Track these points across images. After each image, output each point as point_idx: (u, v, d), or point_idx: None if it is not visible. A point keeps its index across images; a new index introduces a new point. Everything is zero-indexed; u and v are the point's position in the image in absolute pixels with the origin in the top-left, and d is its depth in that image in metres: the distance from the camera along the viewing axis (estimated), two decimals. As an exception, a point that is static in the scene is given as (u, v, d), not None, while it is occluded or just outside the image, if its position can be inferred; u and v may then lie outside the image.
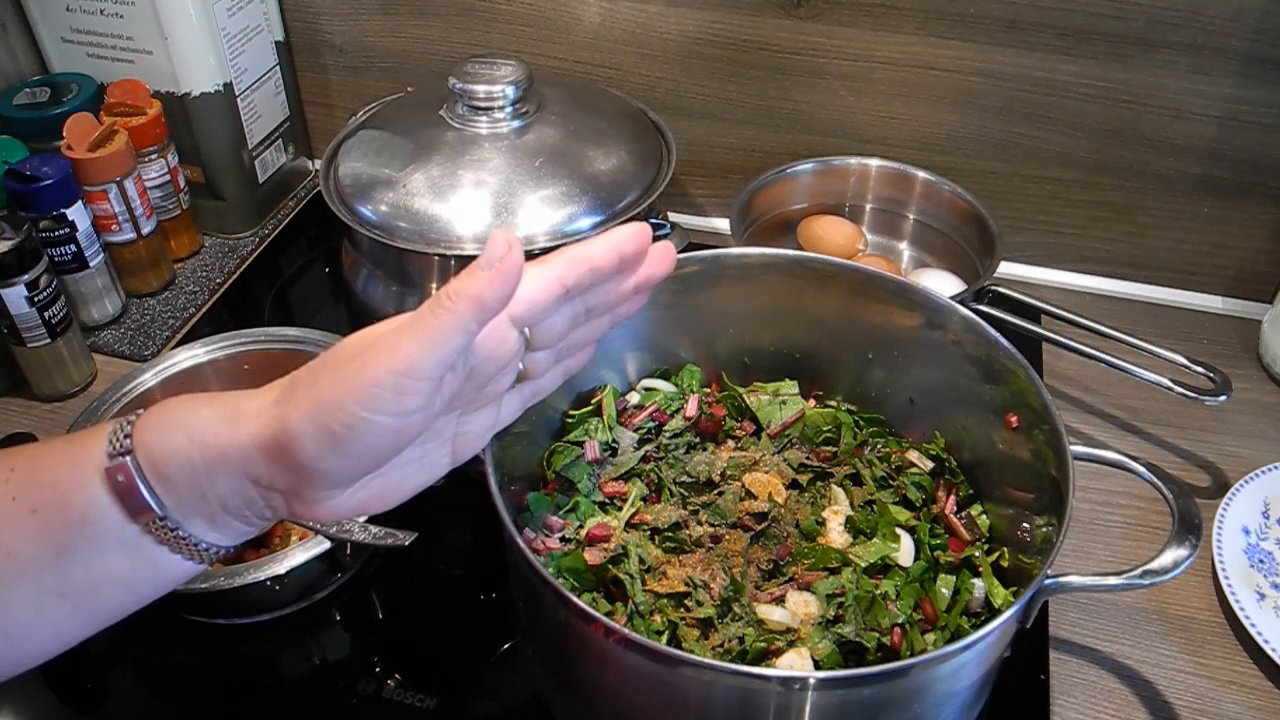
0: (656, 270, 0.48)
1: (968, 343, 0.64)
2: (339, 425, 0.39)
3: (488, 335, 0.43)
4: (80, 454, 0.43)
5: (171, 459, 0.42)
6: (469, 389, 0.45)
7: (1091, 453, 0.59)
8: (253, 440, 0.41)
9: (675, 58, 1.00)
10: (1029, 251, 1.02)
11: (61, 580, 0.42)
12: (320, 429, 0.39)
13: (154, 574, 0.44)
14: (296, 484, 0.42)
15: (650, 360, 0.73)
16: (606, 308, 0.49)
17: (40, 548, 0.42)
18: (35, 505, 0.42)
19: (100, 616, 0.45)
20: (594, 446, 0.67)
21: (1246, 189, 0.93)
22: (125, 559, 0.43)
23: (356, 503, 0.44)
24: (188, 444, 0.42)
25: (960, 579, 0.60)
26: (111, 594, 0.44)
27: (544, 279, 0.44)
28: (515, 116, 0.79)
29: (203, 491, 0.42)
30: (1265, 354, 0.91)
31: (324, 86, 1.13)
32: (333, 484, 0.42)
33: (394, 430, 0.40)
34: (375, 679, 0.67)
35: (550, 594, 0.50)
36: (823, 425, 0.70)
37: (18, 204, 0.83)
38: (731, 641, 0.57)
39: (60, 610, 0.43)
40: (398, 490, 0.46)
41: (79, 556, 0.42)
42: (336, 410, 0.39)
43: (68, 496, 0.42)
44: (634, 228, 0.46)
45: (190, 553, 0.44)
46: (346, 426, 0.39)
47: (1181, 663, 0.69)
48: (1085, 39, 0.88)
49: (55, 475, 0.43)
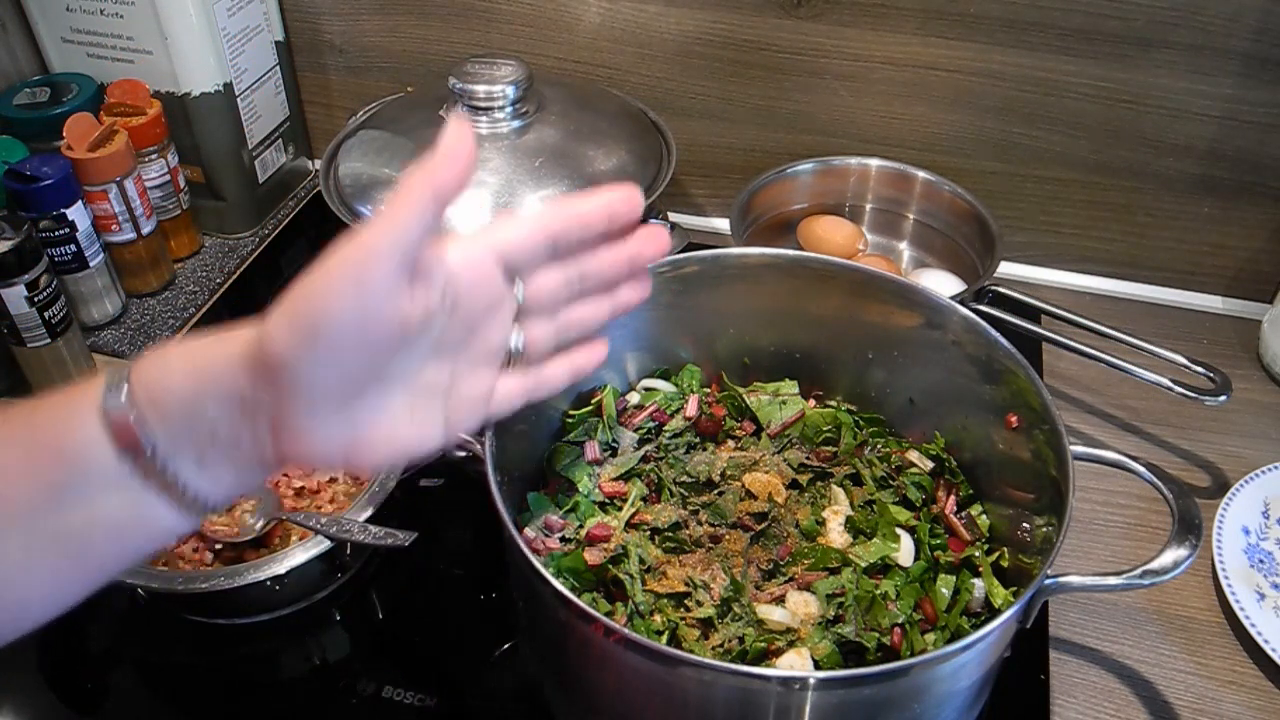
0: (647, 250, 0.49)
1: (968, 343, 0.64)
2: (306, 314, 0.40)
3: (470, 267, 0.44)
4: (76, 395, 0.43)
5: (164, 384, 0.42)
6: (456, 327, 0.45)
7: (1091, 453, 0.59)
8: (238, 351, 0.42)
9: (675, 58, 1.00)
10: (1029, 251, 1.02)
11: (54, 525, 0.42)
12: (290, 320, 0.40)
13: (143, 523, 0.44)
14: (278, 400, 0.42)
15: (650, 360, 0.73)
16: (602, 283, 0.49)
17: (33, 490, 0.42)
18: (29, 447, 0.42)
19: (92, 568, 0.45)
20: (594, 446, 0.67)
21: (1246, 189, 0.93)
22: (116, 503, 0.43)
23: (342, 444, 0.44)
24: (180, 367, 0.42)
25: (960, 579, 0.60)
26: (103, 543, 0.44)
27: (530, 223, 0.45)
28: (515, 116, 0.79)
29: (192, 417, 0.42)
30: (1265, 354, 0.91)
31: (324, 86, 1.13)
32: (312, 398, 0.42)
33: (359, 314, 0.40)
34: (375, 679, 0.67)
35: (550, 594, 0.50)
36: (823, 425, 0.70)
37: (18, 204, 0.83)
38: (731, 641, 0.57)
39: (53, 557, 0.43)
40: (386, 443, 0.45)
41: (70, 499, 0.42)
42: (303, 299, 0.40)
43: (62, 436, 0.42)
44: (625, 188, 0.46)
45: (177, 499, 0.43)
46: (314, 313, 0.40)
47: (1181, 663, 0.69)
48: (1085, 39, 0.88)
49: (50, 416, 0.43)
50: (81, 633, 0.70)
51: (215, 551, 0.70)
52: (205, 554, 0.70)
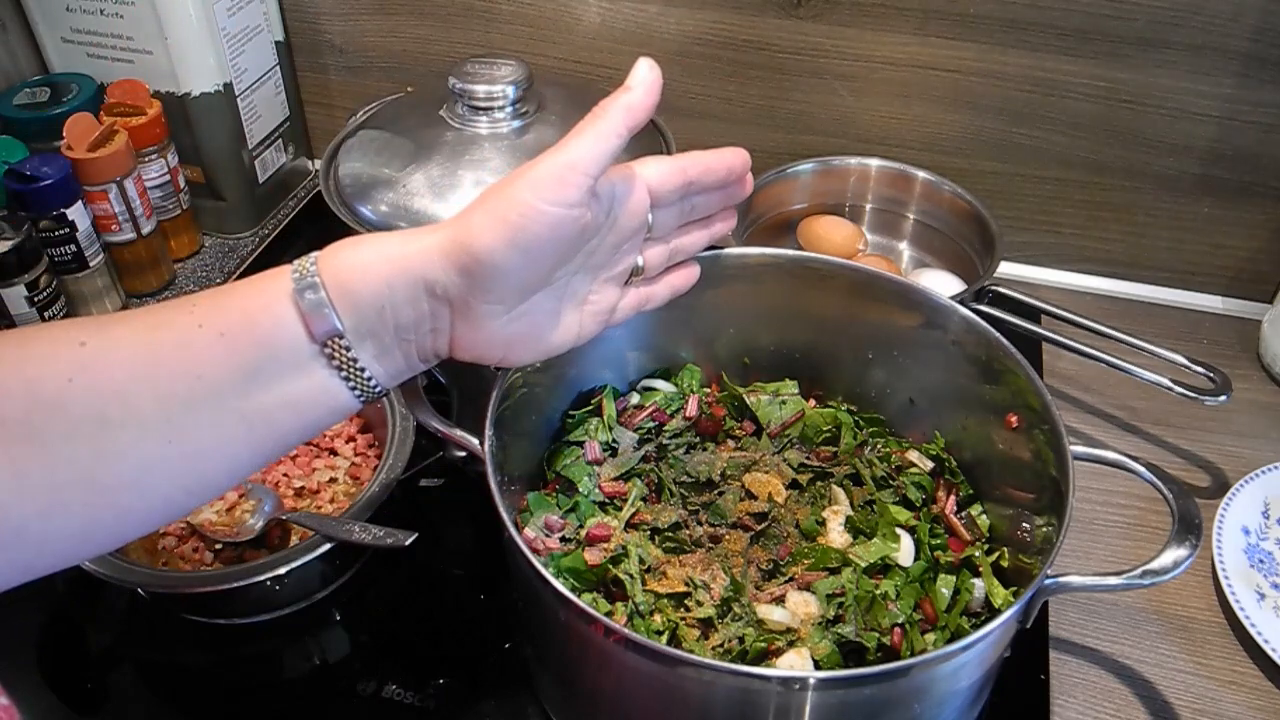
0: (739, 193, 0.58)
1: (968, 343, 0.64)
2: (513, 214, 0.46)
3: (630, 193, 0.52)
4: (266, 283, 0.47)
5: (358, 272, 0.47)
6: (606, 244, 0.52)
7: (1091, 453, 0.59)
8: (435, 243, 0.47)
9: (675, 58, 0.99)
10: (1029, 251, 1.02)
11: (243, 402, 0.46)
12: (496, 219, 0.46)
13: (322, 401, 0.48)
14: (468, 290, 0.48)
15: (650, 360, 0.73)
16: (704, 216, 0.58)
17: (227, 369, 0.45)
18: (223, 329, 0.45)
19: (270, 443, 0.48)
20: (594, 446, 0.67)
21: (1246, 189, 0.93)
22: (302, 385, 0.47)
23: (505, 340, 0.51)
24: (374, 259, 0.47)
25: (960, 579, 0.60)
26: (284, 419, 0.47)
27: (672, 164, 0.54)
28: (515, 116, 0.79)
29: (382, 305, 0.47)
30: (1265, 354, 0.91)
31: (324, 86, 1.13)
32: (501, 294, 0.48)
33: (556, 222, 0.47)
34: (375, 679, 0.67)
35: (550, 594, 0.50)
36: (823, 425, 0.70)
37: (18, 204, 0.83)
38: (731, 641, 0.57)
39: (238, 432, 0.46)
40: (537, 343, 0.53)
41: (261, 378, 0.46)
42: (511, 201, 0.46)
43: (256, 318, 0.46)
44: (742, 152, 0.56)
45: (356, 382, 0.48)
46: (520, 214, 0.46)
47: (1181, 663, 0.69)
48: (1085, 39, 0.88)
49: (243, 302, 0.47)
50: (81, 633, 0.70)
51: (215, 551, 0.70)
52: (205, 554, 0.70)
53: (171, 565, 0.70)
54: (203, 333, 0.45)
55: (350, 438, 0.78)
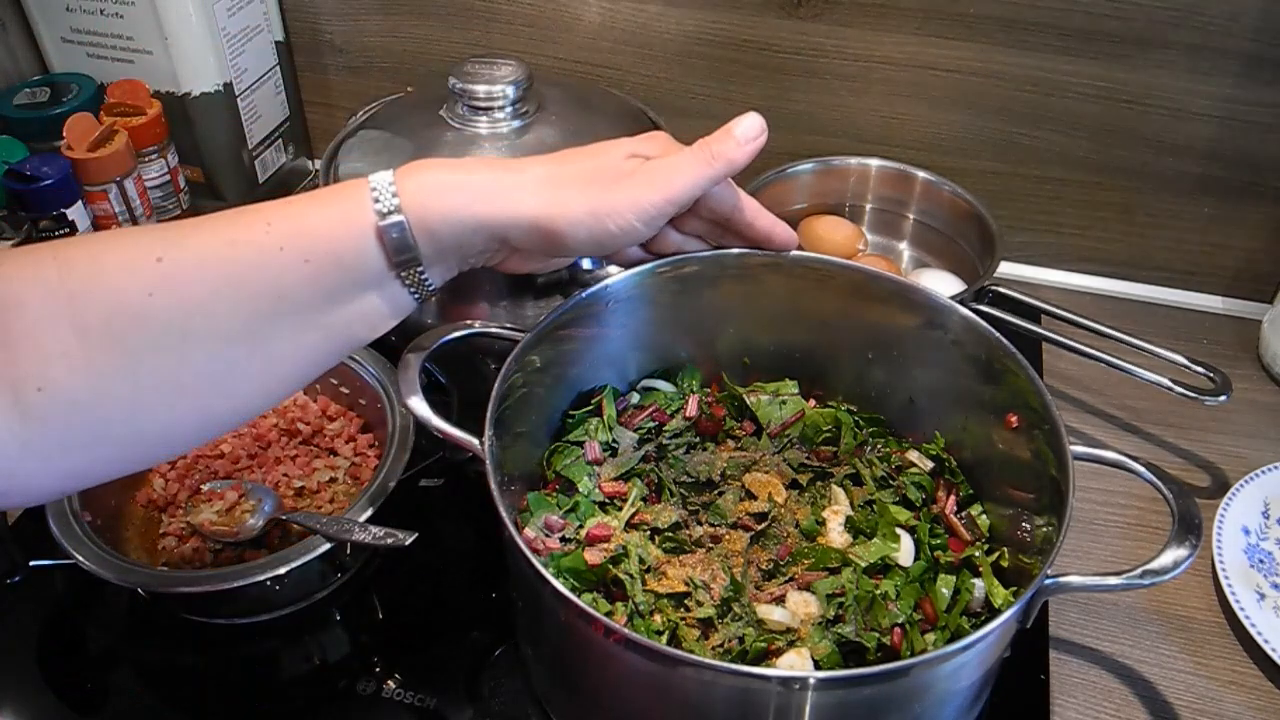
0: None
1: (968, 343, 0.64)
2: (614, 225, 0.53)
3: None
4: (346, 206, 0.50)
5: (447, 217, 0.51)
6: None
7: (1091, 453, 0.59)
8: (530, 213, 0.52)
9: (675, 58, 1.00)
10: (1029, 251, 1.02)
11: (322, 317, 0.50)
12: (597, 223, 0.53)
13: (389, 308, 0.53)
14: (539, 249, 0.54)
15: (650, 360, 0.73)
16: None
17: (309, 292, 0.49)
18: (308, 255, 0.49)
19: (340, 348, 0.53)
20: (594, 446, 0.67)
21: (1246, 189, 0.93)
22: (375, 297, 0.52)
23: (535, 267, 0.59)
24: (467, 204, 0.51)
25: (960, 579, 0.60)
26: (356, 327, 0.52)
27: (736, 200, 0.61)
28: (515, 116, 0.79)
29: (461, 244, 0.52)
30: (1265, 354, 0.91)
31: (324, 86, 1.13)
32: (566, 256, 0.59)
33: (639, 236, 0.55)
34: (375, 679, 0.67)
35: (550, 594, 0.50)
36: (823, 425, 0.70)
37: (18, 204, 0.83)
38: (731, 641, 0.57)
39: (315, 339, 0.51)
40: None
41: (341, 298, 0.50)
42: (614, 214, 0.53)
43: (340, 248, 0.49)
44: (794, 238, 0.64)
45: (419, 290, 0.53)
46: (620, 228, 0.53)
47: (1181, 663, 0.69)
48: (1085, 39, 0.88)
49: (329, 230, 0.50)
50: (81, 633, 0.70)
51: (215, 551, 0.70)
52: (205, 554, 0.70)
53: (171, 565, 0.70)
54: (284, 255, 0.48)
55: (350, 438, 0.78)
